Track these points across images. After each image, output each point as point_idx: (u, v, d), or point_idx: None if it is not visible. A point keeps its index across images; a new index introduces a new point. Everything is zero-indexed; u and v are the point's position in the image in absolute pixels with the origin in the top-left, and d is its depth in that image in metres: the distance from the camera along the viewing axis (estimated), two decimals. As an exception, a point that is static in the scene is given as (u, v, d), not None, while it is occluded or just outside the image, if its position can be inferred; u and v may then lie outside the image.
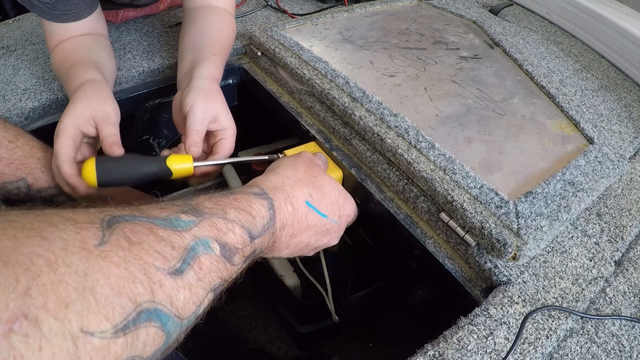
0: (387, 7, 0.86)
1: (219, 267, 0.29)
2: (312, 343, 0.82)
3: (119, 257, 0.23)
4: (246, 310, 0.88)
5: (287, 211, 0.38)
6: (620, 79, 0.79)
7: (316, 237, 0.42)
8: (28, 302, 0.19)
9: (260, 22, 0.87)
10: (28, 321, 0.18)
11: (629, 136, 0.64)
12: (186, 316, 0.26)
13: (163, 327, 0.24)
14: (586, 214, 0.51)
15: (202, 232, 0.28)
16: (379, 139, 0.51)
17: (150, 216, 0.27)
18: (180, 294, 0.25)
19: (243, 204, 0.33)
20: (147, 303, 0.23)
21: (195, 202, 0.31)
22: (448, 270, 0.45)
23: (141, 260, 0.24)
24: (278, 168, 0.42)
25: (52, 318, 0.19)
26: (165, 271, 0.25)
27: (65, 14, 0.55)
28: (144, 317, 0.23)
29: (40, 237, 0.21)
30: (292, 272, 0.69)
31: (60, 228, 0.22)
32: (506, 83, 0.66)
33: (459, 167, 0.47)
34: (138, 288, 0.23)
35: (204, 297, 0.27)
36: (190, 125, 0.48)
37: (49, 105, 0.61)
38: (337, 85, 0.59)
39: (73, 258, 0.21)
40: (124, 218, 0.25)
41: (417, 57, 0.70)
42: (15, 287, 0.19)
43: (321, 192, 0.42)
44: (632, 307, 0.43)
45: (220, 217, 0.30)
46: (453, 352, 0.36)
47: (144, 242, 0.25)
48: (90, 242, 0.22)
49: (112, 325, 0.21)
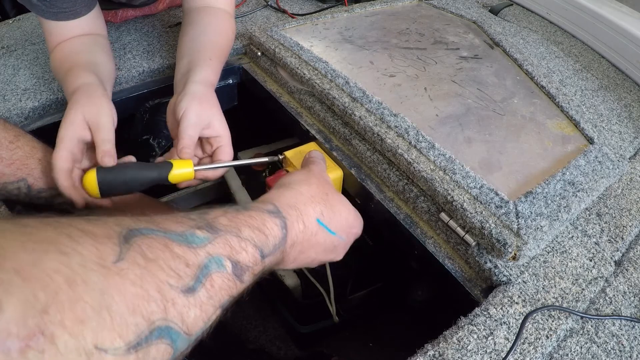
0: (387, 7, 0.86)
1: (229, 285, 0.29)
2: (312, 343, 0.82)
3: (135, 275, 0.23)
4: (246, 310, 0.88)
5: (298, 229, 0.38)
6: (620, 79, 0.79)
7: (323, 253, 0.42)
8: (46, 319, 0.19)
9: (260, 22, 0.87)
10: (45, 337, 0.19)
11: (629, 136, 0.64)
12: (194, 332, 0.26)
13: (172, 343, 0.24)
14: (586, 214, 0.51)
15: (216, 250, 0.29)
16: (379, 139, 0.51)
17: (167, 230, 0.27)
18: (191, 311, 0.25)
19: (257, 222, 0.34)
20: (160, 321, 0.23)
21: (211, 218, 0.31)
22: (448, 270, 0.45)
23: (156, 278, 0.24)
24: (291, 183, 0.42)
25: (67, 335, 0.19)
26: (178, 289, 0.25)
27: (63, 12, 0.56)
28: (156, 334, 0.23)
29: (59, 252, 0.21)
30: (292, 272, 0.69)
31: (79, 242, 0.22)
32: (506, 83, 0.66)
33: (459, 167, 0.47)
34: (152, 306, 0.23)
35: (212, 314, 0.28)
36: (183, 130, 0.48)
37: (49, 105, 0.61)
38: (337, 85, 0.59)
39: (91, 275, 0.21)
40: (140, 232, 0.26)
41: (417, 57, 0.70)
42: (34, 304, 0.19)
43: (332, 210, 0.42)
44: (632, 307, 0.43)
45: (234, 235, 0.31)
46: (453, 352, 0.36)
47: (159, 258, 0.25)
48: (108, 259, 0.23)
49: (125, 343, 0.21)
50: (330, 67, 0.62)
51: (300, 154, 0.56)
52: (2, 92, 0.62)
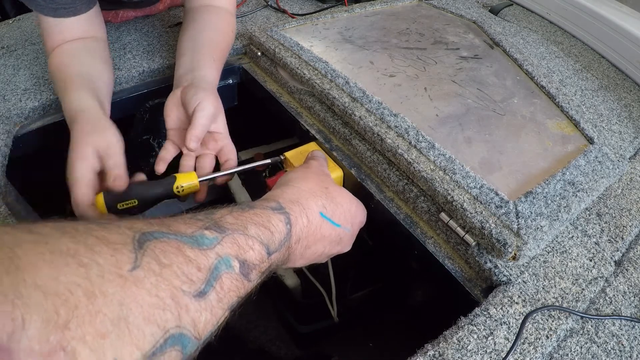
0: (387, 7, 0.87)
1: (237, 285, 0.29)
2: (312, 343, 0.82)
3: (151, 284, 0.23)
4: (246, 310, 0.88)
5: (302, 224, 0.38)
6: (620, 79, 0.79)
7: (330, 246, 0.42)
8: (67, 335, 0.19)
9: (260, 22, 0.87)
10: (66, 353, 0.19)
11: (629, 136, 0.64)
12: (204, 337, 0.26)
13: (183, 349, 0.24)
14: (586, 214, 0.51)
15: (224, 250, 0.29)
16: (379, 139, 0.51)
17: (178, 233, 0.28)
18: (202, 316, 0.26)
19: (262, 219, 0.34)
20: (174, 329, 0.24)
21: (217, 217, 0.32)
22: (448, 270, 0.45)
23: (171, 285, 0.24)
24: (290, 180, 0.42)
25: (88, 349, 0.19)
26: (191, 294, 0.25)
27: (62, 8, 0.55)
28: (170, 343, 0.23)
29: (78, 264, 0.21)
30: (292, 272, 0.69)
31: (96, 251, 0.23)
32: (506, 83, 0.66)
33: (459, 167, 0.47)
34: (167, 315, 0.23)
35: (221, 316, 0.28)
36: (198, 119, 0.49)
37: (49, 105, 0.61)
38: (337, 85, 0.59)
39: (109, 287, 0.22)
40: (153, 235, 0.26)
41: (417, 57, 0.70)
42: (56, 320, 0.19)
43: (334, 202, 0.42)
44: (632, 307, 0.43)
45: (241, 234, 0.31)
46: (453, 352, 0.36)
47: (173, 264, 0.25)
48: (124, 267, 0.23)
49: (142, 353, 0.21)
50: (330, 67, 0.62)
51: (301, 155, 0.56)
52: (2, 92, 0.62)
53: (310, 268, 0.68)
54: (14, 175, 0.54)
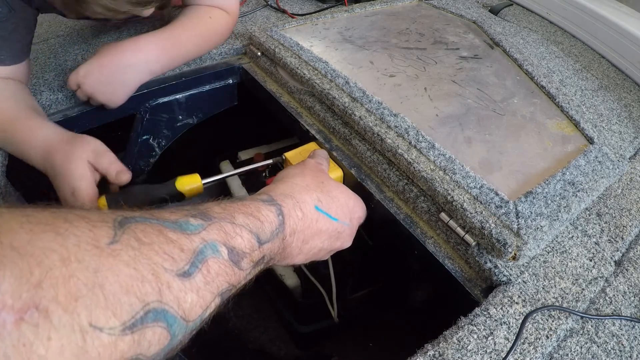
0: (387, 7, 0.87)
1: (226, 271, 0.29)
2: (312, 343, 0.82)
3: (129, 257, 0.23)
4: (246, 310, 0.88)
5: (296, 217, 0.38)
6: (620, 79, 0.79)
7: (329, 241, 0.42)
8: (40, 293, 0.19)
9: (260, 22, 0.87)
10: (39, 312, 0.19)
11: (629, 136, 0.64)
12: (192, 319, 0.26)
13: (169, 328, 0.24)
14: (586, 214, 0.51)
15: (210, 236, 0.29)
16: (379, 139, 0.51)
17: (160, 219, 0.28)
18: (187, 296, 0.26)
19: (251, 210, 0.34)
20: (155, 303, 0.23)
21: (204, 207, 0.32)
22: (448, 270, 0.45)
23: (150, 261, 0.24)
24: (285, 177, 0.43)
25: (61, 310, 0.19)
26: (173, 273, 0.25)
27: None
28: (151, 316, 0.23)
29: (55, 233, 0.22)
30: (292, 272, 0.69)
31: (75, 225, 0.23)
32: (506, 83, 0.66)
33: (459, 167, 0.47)
34: (146, 287, 0.23)
35: (210, 301, 0.28)
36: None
37: (49, 105, 0.61)
38: (337, 85, 0.59)
39: (85, 255, 0.22)
40: (135, 219, 0.26)
41: (417, 57, 0.70)
42: (28, 278, 0.19)
43: (330, 196, 0.42)
44: (632, 307, 0.43)
45: (228, 222, 0.31)
46: (453, 352, 0.36)
47: (154, 242, 0.25)
48: (102, 240, 0.23)
49: (120, 322, 0.21)
50: (330, 67, 0.62)
51: (301, 155, 0.56)
52: (2, 92, 0.62)
53: (311, 268, 0.68)
54: (14, 175, 0.54)
